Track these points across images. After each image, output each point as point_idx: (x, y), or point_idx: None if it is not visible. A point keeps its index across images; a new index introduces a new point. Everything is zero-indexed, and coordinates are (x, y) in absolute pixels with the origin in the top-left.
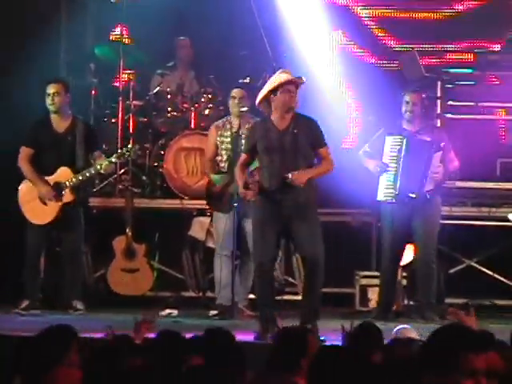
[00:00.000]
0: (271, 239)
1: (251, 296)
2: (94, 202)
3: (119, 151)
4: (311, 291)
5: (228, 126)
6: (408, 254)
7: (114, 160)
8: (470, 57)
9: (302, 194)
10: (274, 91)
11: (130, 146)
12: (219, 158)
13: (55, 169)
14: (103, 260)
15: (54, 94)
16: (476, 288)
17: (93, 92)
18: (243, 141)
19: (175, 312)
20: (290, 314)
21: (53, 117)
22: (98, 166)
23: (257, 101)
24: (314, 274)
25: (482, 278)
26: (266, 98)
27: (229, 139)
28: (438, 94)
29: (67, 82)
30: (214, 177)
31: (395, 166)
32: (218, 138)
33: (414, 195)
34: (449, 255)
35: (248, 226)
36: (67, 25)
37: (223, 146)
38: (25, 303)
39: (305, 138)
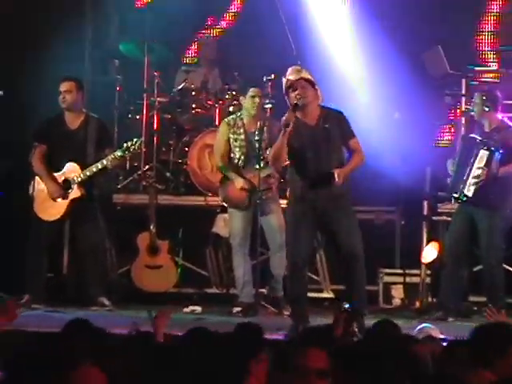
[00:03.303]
0: (305, 238)
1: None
2: (117, 198)
3: (124, 145)
4: (352, 287)
5: (240, 124)
6: (431, 252)
7: (119, 154)
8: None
9: (333, 188)
10: (287, 91)
11: (135, 139)
12: (232, 155)
13: (63, 167)
14: (127, 256)
15: (65, 91)
16: None
17: (117, 88)
18: (256, 138)
19: (199, 309)
20: (313, 312)
21: (66, 114)
22: (105, 161)
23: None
24: (353, 268)
25: (506, 276)
26: (287, 97)
27: (242, 137)
28: (463, 92)
29: (79, 80)
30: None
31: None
32: (231, 136)
33: (456, 195)
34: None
35: (266, 222)
36: (92, 22)
37: (237, 144)
38: (25, 298)
39: (336, 132)
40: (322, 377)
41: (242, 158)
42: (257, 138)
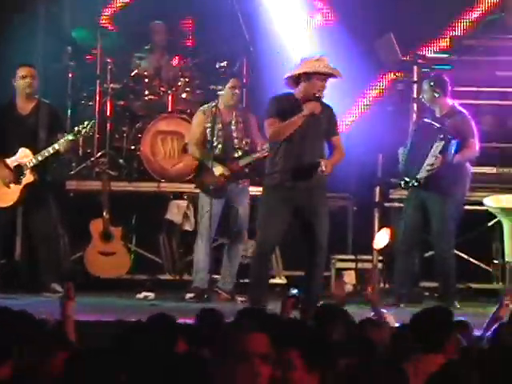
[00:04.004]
0: (277, 226)
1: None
2: (70, 185)
3: (76, 128)
4: (313, 274)
5: (218, 113)
6: (383, 238)
7: (71, 138)
8: (445, 41)
9: (313, 179)
10: (308, 75)
11: (86, 121)
12: (208, 144)
13: (15, 152)
14: (80, 243)
15: (31, 77)
16: None
17: (70, 75)
18: (233, 127)
19: (152, 295)
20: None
21: (19, 99)
22: (57, 145)
23: (288, 74)
24: (318, 258)
25: (457, 262)
26: (298, 77)
27: (220, 126)
28: (415, 79)
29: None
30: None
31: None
32: (208, 125)
33: (408, 179)
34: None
35: (241, 209)
36: (44, 8)
37: (215, 133)
38: None
39: (325, 124)
40: (265, 361)
41: (220, 147)
42: (233, 127)
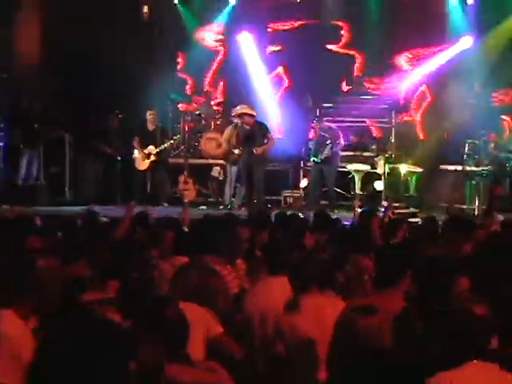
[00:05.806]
0: (248, 175)
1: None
2: (171, 161)
3: (173, 137)
4: (256, 199)
5: (240, 127)
6: (304, 182)
7: (171, 141)
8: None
9: (257, 157)
10: (237, 116)
11: (178, 135)
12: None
13: (147, 146)
14: (175, 184)
15: (153, 115)
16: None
17: (170, 114)
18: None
19: (205, 207)
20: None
21: (148, 124)
22: (165, 144)
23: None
24: (259, 192)
25: (336, 193)
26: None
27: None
28: (317, 114)
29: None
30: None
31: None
32: (234, 132)
33: (315, 158)
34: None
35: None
36: (158, 82)
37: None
38: (133, 202)
39: (259, 131)
40: (244, 243)
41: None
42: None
